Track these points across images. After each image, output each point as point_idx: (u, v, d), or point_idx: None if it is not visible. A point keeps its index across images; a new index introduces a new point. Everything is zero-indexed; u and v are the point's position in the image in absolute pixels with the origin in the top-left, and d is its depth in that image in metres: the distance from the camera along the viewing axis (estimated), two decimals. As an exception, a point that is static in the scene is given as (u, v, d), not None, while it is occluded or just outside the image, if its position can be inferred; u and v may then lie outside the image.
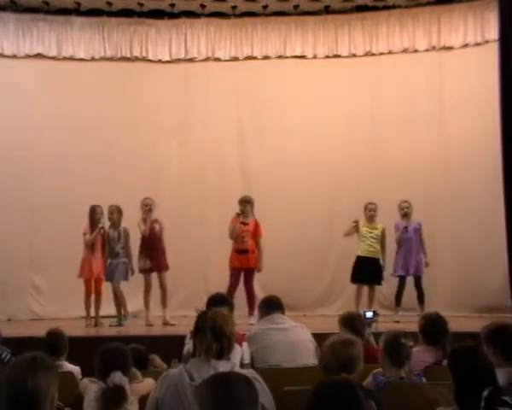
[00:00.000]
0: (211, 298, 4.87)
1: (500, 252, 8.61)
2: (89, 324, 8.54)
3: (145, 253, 8.52)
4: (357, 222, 8.70)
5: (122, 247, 8.55)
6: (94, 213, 8.58)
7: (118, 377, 3.46)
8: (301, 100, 10.01)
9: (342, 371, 3.18)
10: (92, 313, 8.67)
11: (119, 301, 8.56)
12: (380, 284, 8.81)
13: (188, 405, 2.97)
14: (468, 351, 3.11)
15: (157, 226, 8.60)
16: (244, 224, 8.47)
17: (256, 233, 8.53)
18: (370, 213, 8.71)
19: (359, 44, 10.07)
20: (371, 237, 8.69)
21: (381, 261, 8.72)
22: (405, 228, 8.69)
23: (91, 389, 3.54)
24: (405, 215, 8.76)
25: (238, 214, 8.43)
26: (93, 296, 8.68)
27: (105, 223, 8.59)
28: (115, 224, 8.58)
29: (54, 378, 2.55)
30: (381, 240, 8.73)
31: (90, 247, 8.53)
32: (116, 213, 8.58)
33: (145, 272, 8.56)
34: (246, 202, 8.52)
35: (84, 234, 8.57)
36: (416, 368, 4.03)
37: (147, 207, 8.53)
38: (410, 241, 8.71)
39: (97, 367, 3.64)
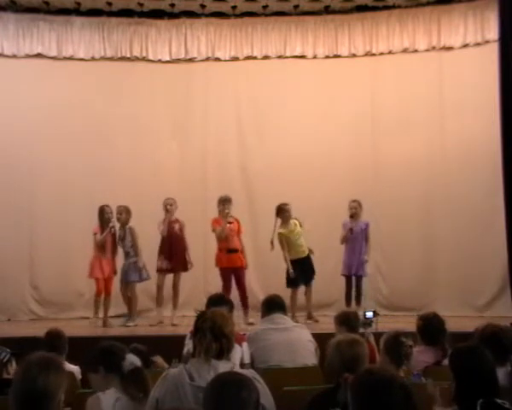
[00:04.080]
0: (210, 298, 4.88)
1: (500, 252, 8.60)
2: (93, 322, 8.51)
3: (164, 253, 8.55)
4: (280, 235, 8.54)
5: (131, 246, 8.56)
6: (103, 213, 8.57)
7: (134, 359, 3.33)
8: (301, 100, 10.01)
9: (345, 370, 3.16)
10: (99, 314, 8.64)
11: (133, 301, 8.56)
12: (311, 280, 8.63)
13: (188, 405, 2.98)
14: (470, 351, 3.11)
15: (176, 226, 8.62)
16: (230, 223, 8.51)
17: (240, 231, 8.65)
18: (286, 214, 8.56)
19: (359, 44, 10.06)
20: (293, 237, 8.55)
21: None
22: (350, 230, 8.58)
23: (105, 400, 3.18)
24: (353, 216, 8.66)
25: (226, 214, 8.45)
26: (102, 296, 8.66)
27: (115, 223, 8.59)
28: (123, 224, 8.60)
29: (63, 381, 2.56)
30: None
31: (101, 247, 8.51)
32: (125, 213, 8.60)
33: (162, 271, 8.57)
34: (230, 202, 8.56)
35: (95, 234, 8.55)
36: (415, 368, 4.04)
37: (165, 207, 8.60)
38: (356, 241, 8.64)
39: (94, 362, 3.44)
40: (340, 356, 3.26)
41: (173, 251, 8.58)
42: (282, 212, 8.60)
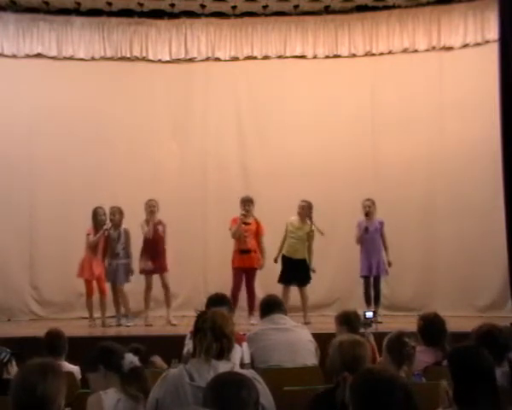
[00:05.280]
0: (210, 298, 4.87)
1: (500, 251, 8.60)
2: (92, 324, 8.54)
3: (147, 254, 8.54)
4: (287, 223, 8.56)
5: (123, 247, 8.58)
6: (96, 214, 8.61)
7: (132, 358, 3.34)
8: (301, 100, 10.00)
9: (346, 370, 3.15)
10: (96, 314, 8.66)
11: (124, 301, 8.60)
12: (305, 284, 8.56)
13: (188, 405, 2.97)
14: (468, 351, 3.10)
15: (160, 228, 8.60)
16: (246, 224, 8.50)
17: (258, 232, 8.60)
18: (298, 210, 8.56)
19: (359, 44, 10.06)
20: (293, 237, 8.54)
21: (308, 262, 8.57)
22: (366, 228, 8.58)
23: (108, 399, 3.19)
24: (367, 214, 8.65)
25: (244, 215, 8.45)
26: (97, 297, 8.67)
27: (109, 225, 8.60)
28: (116, 225, 8.60)
29: (62, 386, 2.56)
30: (308, 241, 8.54)
31: (93, 248, 8.55)
32: (118, 213, 8.61)
33: (146, 273, 8.57)
34: (250, 202, 8.57)
35: (88, 234, 8.59)
36: (415, 368, 4.03)
37: (150, 209, 8.55)
38: (372, 240, 8.62)
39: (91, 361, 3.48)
40: (341, 356, 3.26)
41: (156, 253, 8.55)
42: (298, 207, 8.59)
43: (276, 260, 8.61)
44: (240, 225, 8.45)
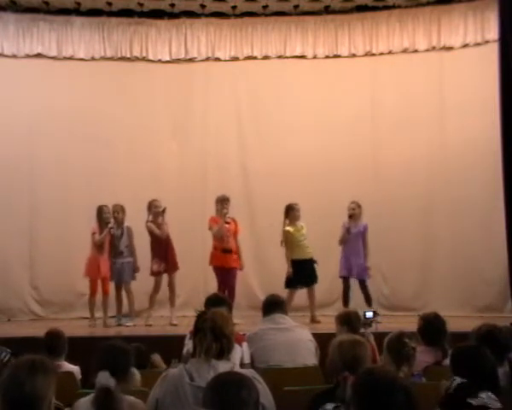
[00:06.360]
0: (209, 299, 4.87)
1: (500, 251, 8.60)
2: (92, 324, 8.53)
3: (161, 255, 8.50)
4: (286, 233, 8.54)
5: (126, 245, 8.57)
6: (101, 213, 8.57)
7: (104, 377, 3.14)
8: (301, 100, 10.01)
9: (346, 370, 3.15)
10: (97, 314, 8.63)
11: (130, 300, 8.60)
12: (317, 282, 8.61)
13: (188, 405, 2.97)
14: (471, 351, 3.10)
15: (166, 228, 8.60)
16: (226, 223, 8.48)
17: (236, 232, 8.59)
18: (296, 213, 8.57)
19: (359, 44, 10.06)
20: (303, 239, 8.54)
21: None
22: (347, 229, 8.58)
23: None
24: (350, 216, 8.66)
25: (225, 214, 8.43)
26: (99, 296, 8.63)
27: (113, 222, 8.58)
28: (119, 222, 8.60)
29: (52, 382, 2.55)
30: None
31: (99, 247, 8.52)
32: (120, 211, 8.62)
33: (160, 274, 8.54)
34: (228, 201, 8.51)
35: (93, 234, 8.54)
36: (415, 368, 4.03)
37: (158, 209, 8.50)
38: (354, 242, 8.61)
39: (93, 365, 3.42)
40: (341, 356, 3.26)
41: (168, 253, 8.55)
42: (292, 210, 8.58)
43: (290, 272, 8.51)
44: (223, 224, 8.43)
